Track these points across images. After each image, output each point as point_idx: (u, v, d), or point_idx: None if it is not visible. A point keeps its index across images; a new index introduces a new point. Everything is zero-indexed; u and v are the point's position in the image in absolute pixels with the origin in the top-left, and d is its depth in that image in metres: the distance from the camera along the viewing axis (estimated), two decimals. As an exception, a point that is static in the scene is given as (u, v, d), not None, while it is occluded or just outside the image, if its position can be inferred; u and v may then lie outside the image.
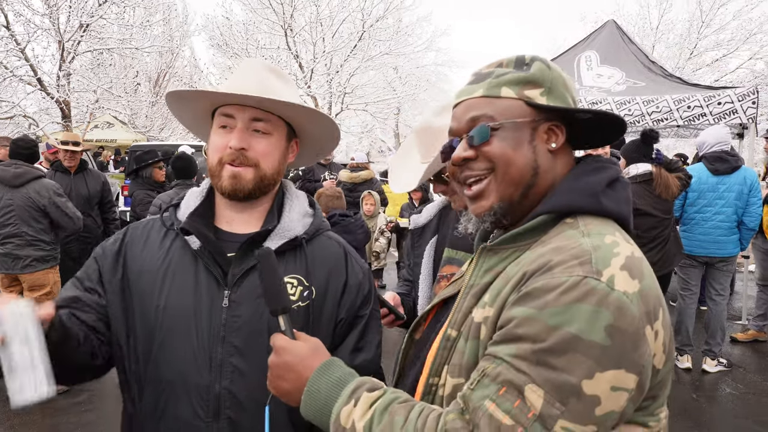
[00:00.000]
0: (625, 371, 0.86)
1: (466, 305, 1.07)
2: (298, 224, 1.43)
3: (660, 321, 0.92)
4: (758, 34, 20.89)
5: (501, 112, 1.06)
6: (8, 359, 1.03)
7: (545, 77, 1.07)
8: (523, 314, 0.90)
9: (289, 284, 1.36)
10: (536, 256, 0.97)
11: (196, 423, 1.28)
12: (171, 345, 1.30)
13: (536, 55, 1.12)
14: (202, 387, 1.28)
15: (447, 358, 1.06)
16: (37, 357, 1.05)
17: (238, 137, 1.33)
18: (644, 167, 4.55)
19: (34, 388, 1.04)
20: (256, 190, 1.37)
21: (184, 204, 1.44)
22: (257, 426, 1.28)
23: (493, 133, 1.05)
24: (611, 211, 1.03)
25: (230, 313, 1.31)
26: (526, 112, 1.06)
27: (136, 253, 1.39)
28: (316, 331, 1.36)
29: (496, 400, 0.88)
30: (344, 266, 1.46)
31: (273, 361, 1.11)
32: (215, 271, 1.33)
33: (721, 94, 6.46)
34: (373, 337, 1.46)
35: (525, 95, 1.06)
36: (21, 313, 1.04)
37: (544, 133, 1.07)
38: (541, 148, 1.06)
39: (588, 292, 0.87)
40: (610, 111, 1.08)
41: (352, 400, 1.00)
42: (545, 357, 0.86)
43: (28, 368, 1.03)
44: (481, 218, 1.09)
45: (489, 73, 1.10)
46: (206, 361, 1.29)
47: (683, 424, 4.31)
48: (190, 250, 1.36)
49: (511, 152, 1.04)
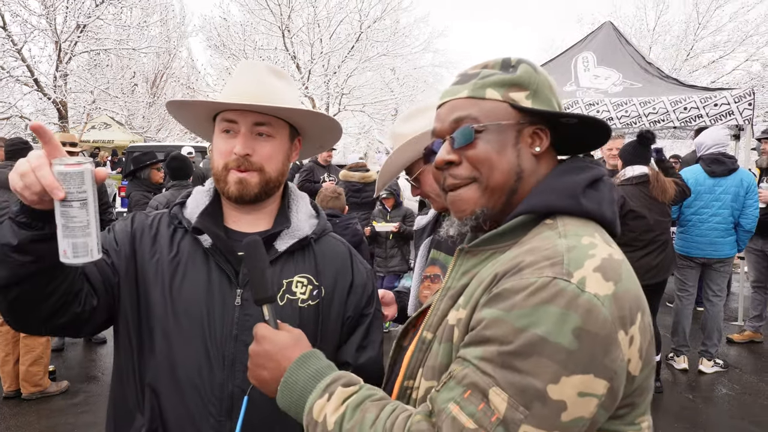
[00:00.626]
0: (593, 376, 0.83)
1: (443, 308, 1.06)
2: (306, 224, 1.45)
3: (637, 325, 0.88)
4: (754, 36, 20.99)
5: (486, 114, 1.04)
6: (66, 219, 1.01)
7: (531, 80, 1.06)
8: (492, 316, 0.89)
9: (299, 283, 1.38)
10: (511, 257, 0.95)
11: (208, 421, 1.28)
12: (184, 342, 1.30)
13: (522, 57, 1.10)
14: (215, 385, 1.28)
15: (422, 360, 1.05)
16: (93, 221, 1.03)
17: (242, 143, 1.33)
18: (640, 169, 4.56)
19: (87, 252, 1.03)
20: (261, 194, 1.38)
21: (191, 203, 1.43)
22: (271, 425, 1.29)
23: (477, 135, 1.03)
24: (591, 211, 1.00)
25: (243, 312, 1.31)
26: (511, 114, 1.04)
27: (147, 243, 1.38)
28: (326, 329, 1.38)
29: (460, 402, 0.86)
30: (350, 266, 1.49)
31: (253, 350, 1.10)
32: (227, 270, 1.34)
33: (717, 95, 6.48)
34: (376, 336, 1.49)
35: (510, 97, 1.05)
36: (83, 171, 1.01)
37: (528, 137, 1.05)
38: (525, 152, 1.04)
39: (557, 293, 0.84)
40: (597, 116, 1.07)
41: (326, 393, 0.99)
42: (510, 360, 0.84)
43: (84, 231, 1.02)
44: (463, 222, 1.08)
45: (475, 74, 1.08)
46: (219, 359, 1.29)
47: (679, 425, 4.31)
48: (201, 248, 1.36)
49: (495, 155, 1.03)
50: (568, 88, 7.45)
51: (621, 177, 4.61)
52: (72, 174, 1.00)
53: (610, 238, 1.01)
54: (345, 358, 1.42)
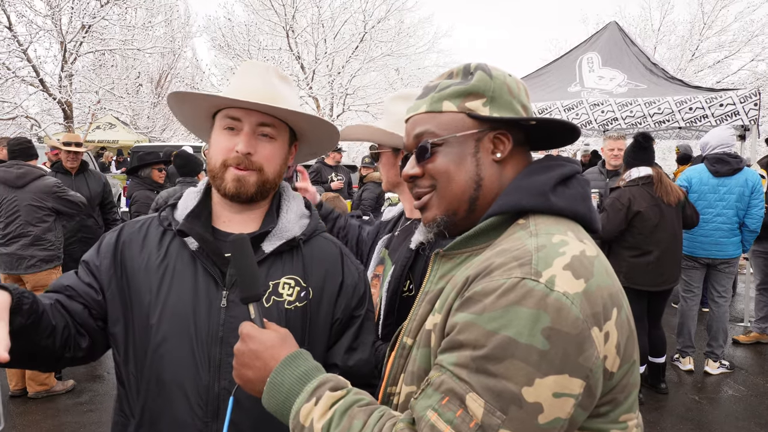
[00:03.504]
0: (568, 376, 0.82)
1: (421, 313, 1.06)
2: (296, 225, 1.44)
3: (612, 321, 0.88)
4: (760, 36, 20.89)
5: (443, 127, 1.06)
6: None
7: (487, 87, 1.06)
8: (464, 320, 0.88)
9: (287, 285, 1.37)
10: (483, 260, 0.95)
11: (194, 422, 1.28)
12: (170, 345, 1.30)
13: (481, 63, 1.11)
14: (201, 387, 1.28)
15: (403, 366, 1.06)
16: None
17: (246, 141, 1.33)
18: (645, 170, 4.56)
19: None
20: (258, 194, 1.38)
21: (182, 204, 1.43)
22: (257, 426, 1.29)
23: (435, 149, 1.06)
24: (562, 209, 0.99)
25: (228, 314, 1.31)
26: (469, 124, 1.06)
27: (134, 251, 1.39)
28: (313, 331, 1.37)
29: (438, 409, 0.86)
30: (340, 266, 1.47)
31: (239, 348, 1.08)
32: (213, 272, 1.33)
33: (723, 95, 6.45)
34: (368, 338, 1.47)
35: (466, 107, 1.06)
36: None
37: (489, 143, 1.06)
38: (485, 160, 1.06)
39: (525, 294, 0.84)
40: (558, 118, 1.08)
41: (314, 398, 0.98)
42: (484, 364, 0.83)
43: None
44: (428, 227, 1.11)
45: (434, 86, 1.11)
46: (205, 361, 1.29)
47: (685, 426, 4.30)
48: (188, 250, 1.36)
49: (453, 168, 1.05)
50: (572, 89, 7.44)
51: (627, 178, 4.62)
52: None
53: (586, 235, 1.00)
54: (334, 360, 1.41)
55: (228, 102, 1.35)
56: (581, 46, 8.35)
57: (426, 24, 22.29)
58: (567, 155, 5.64)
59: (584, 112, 6.88)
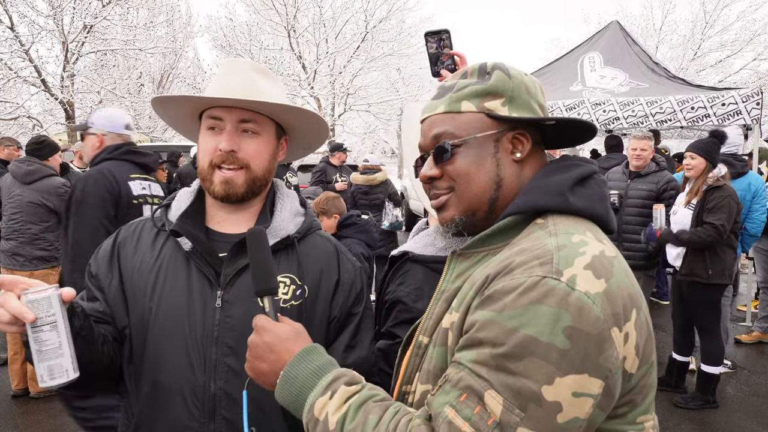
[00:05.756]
0: (588, 376, 0.82)
1: (437, 311, 1.05)
2: (290, 223, 1.44)
3: (632, 322, 0.87)
4: (762, 35, 20.90)
5: (463, 128, 1.05)
6: (39, 344, 1.05)
7: (506, 86, 1.06)
8: (484, 318, 0.88)
9: (282, 283, 1.36)
10: (502, 259, 0.95)
11: (191, 423, 1.28)
12: (165, 346, 1.30)
13: (498, 62, 1.10)
14: (198, 387, 1.28)
15: (418, 365, 1.05)
16: (65, 342, 1.07)
17: (228, 139, 1.33)
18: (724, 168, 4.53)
19: (63, 372, 1.06)
20: (248, 193, 1.37)
21: (175, 205, 1.43)
22: (254, 425, 1.29)
23: (455, 150, 1.05)
24: (581, 209, 0.99)
25: (223, 314, 1.31)
26: (488, 124, 1.05)
27: (129, 253, 1.39)
28: (309, 330, 1.36)
29: (456, 406, 0.85)
30: (336, 264, 1.46)
31: (252, 341, 1.07)
32: (207, 272, 1.33)
33: (725, 95, 6.44)
34: (366, 335, 1.46)
35: (485, 107, 1.05)
36: (49, 296, 1.05)
37: (508, 143, 1.05)
38: (505, 160, 1.05)
39: (547, 292, 0.84)
40: (578, 117, 1.08)
41: (329, 391, 0.97)
42: (504, 362, 0.83)
43: (56, 352, 1.05)
44: (445, 227, 1.10)
45: (451, 86, 1.09)
46: (201, 361, 1.29)
47: (687, 426, 4.30)
48: (182, 251, 1.36)
49: (473, 169, 1.04)
50: (574, 88, 7.44)
51: (717, 175, 4.45)
52: (39, 300, 1.04)
53: (604, 235, 1.00)
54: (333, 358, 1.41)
55: (206, 101, 1.35)
56: (583, 46, 8.35)
57: (427, 24, 22.16)
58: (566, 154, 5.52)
59: (586, 112, 6.88)
